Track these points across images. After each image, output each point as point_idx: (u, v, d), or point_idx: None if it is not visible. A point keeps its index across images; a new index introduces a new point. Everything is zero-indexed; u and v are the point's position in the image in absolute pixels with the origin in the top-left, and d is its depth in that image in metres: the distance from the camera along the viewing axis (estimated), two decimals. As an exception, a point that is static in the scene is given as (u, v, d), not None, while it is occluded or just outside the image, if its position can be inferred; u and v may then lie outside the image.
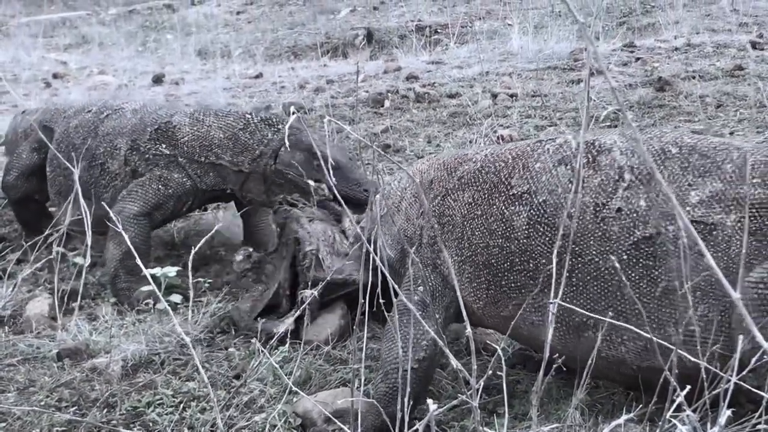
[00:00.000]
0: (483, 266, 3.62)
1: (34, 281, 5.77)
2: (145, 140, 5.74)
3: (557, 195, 3.45)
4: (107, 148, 5.85)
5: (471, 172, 3.78)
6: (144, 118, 5.87)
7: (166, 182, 5.63)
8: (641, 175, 3.32)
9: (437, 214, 3.82)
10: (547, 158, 3.55)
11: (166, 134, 5.72)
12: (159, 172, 5.65)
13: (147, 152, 5.72)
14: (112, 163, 5.80)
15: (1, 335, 5.01)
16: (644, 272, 3.26)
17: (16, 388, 4.37)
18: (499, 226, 3.56)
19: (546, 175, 3.51)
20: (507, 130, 8.04)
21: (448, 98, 9.89)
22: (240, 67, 13.99)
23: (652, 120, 8.00)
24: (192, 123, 5.72)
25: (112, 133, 5.88)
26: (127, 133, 5.82)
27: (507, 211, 3.55)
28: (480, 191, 3.69)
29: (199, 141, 5.65)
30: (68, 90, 12.89)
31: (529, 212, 3.51)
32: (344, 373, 4.28)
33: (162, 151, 5.68)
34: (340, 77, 11.94)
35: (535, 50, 11.86)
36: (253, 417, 3.93)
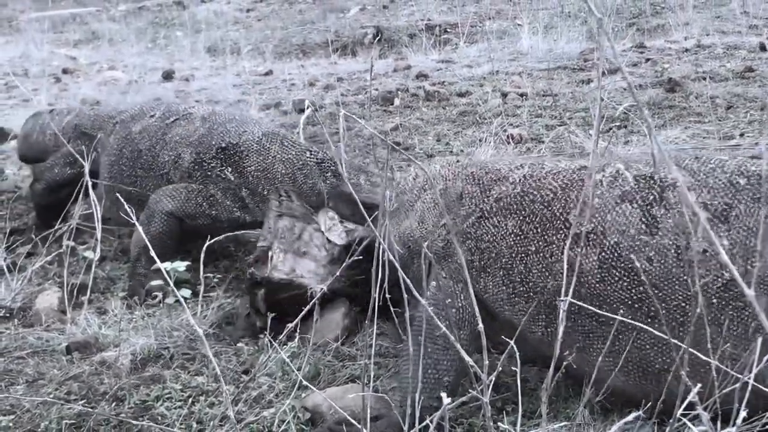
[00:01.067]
0: (543, 305, 3.45)
1: (44, 275, 5.78)
2: (210, 158, 5.64)
3: (630, 236, 3.27)
4: (172, 157, 5.77)
5: (511, 196, 3.61)
6: (212, 129, 5.76)
7: (212, 203, 5.57)
8: (717, 212, 3.17)
9: (473, 235, 3.66)
10: (605, 193, 3.38)
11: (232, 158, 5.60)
12: (213, 191, 5.58)
13: (211, 170, 5.63)
14: (175, 174, 5.73)
15: (11, 328, 5.01)
16: (735, 314, 3.12)
17: (25, 380, 4.37)
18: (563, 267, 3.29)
19: (611, 213, 3.33)
20: (517, 129, 8.03)
21: (458, 97, 9.89)
22: (249, 64, 13.99)
23: (663, 121, 7.98)
24: (259, 151, 5.58)
25: (179, 142, 5.80)
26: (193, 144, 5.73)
27: (572, 252, 3.34)
28: (529, 223, 3.50)
29: (264, 173, 5.52)
30: (78, 85, 12.90)
31: (601, 255, 3.33)
32: (353, 369, 4.28)
33: (227, 175, 5.59)
34: (349, 75, 11.94)
35: (545, 50, 11.86)
36: (262, 412, 3.92)
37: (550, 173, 3.59)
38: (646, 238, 3.22)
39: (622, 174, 3.38)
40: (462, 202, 3.74)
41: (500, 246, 3.57)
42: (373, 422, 3.64)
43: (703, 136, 7.45)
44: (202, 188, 5.57)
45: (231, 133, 5.68)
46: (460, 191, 3.78)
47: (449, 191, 3.82)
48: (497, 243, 3.59)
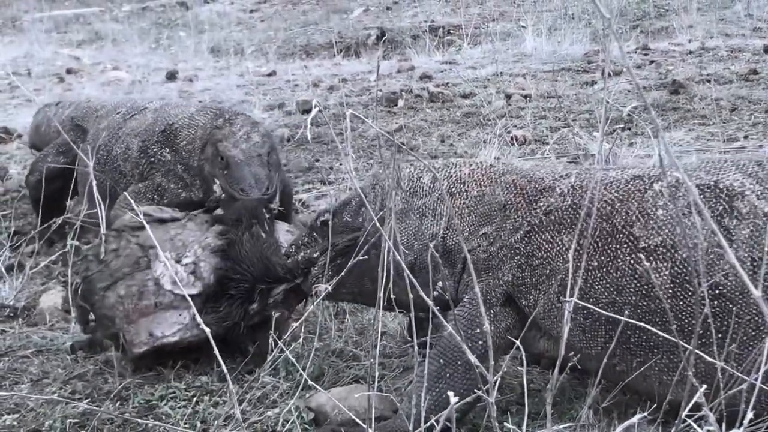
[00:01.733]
0: (606, 322, 3.35)
1: (48, 274, 5.79)
2: (152, 143, 5.65)
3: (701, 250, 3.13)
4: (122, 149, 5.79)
5: (562, 209, 3.52)
6: (157, 119, 5.77)
7: (161, 192, 5.54)
8: None
9: (522, 251, 3.56)
10: (669, 204, 3.30)
11: (168, 138, 5.62)
12: (159, 180, 5.57)
13: (153, 155, 5.63)
14: (125, 165, 5.74)
15: (15, 327, 5.03)
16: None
17: (30, 379, 4.38)
18: (631, 283, 3.32)
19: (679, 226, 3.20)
20: (521, 130, 8.04)
21: (462, 98, 9.90)
22: (253, 64, 14.01)
23: (667, 123, 7.98)
24: (188, 125, 5.60)
25: (129, 134, 5.81)
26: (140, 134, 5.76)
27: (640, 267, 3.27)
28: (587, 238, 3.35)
29: (192, 144, 5.51)
30: (82, 85, 12.92)
31: (672, 269, 3.25)
32: (357, 370, 4.28)
33: (165, 156, 5.59)
34: (353, 76, 11.95)
35: (549, 52, 11.86)
36: (266, 412, 3.92)
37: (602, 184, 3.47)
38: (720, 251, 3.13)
39: (682, 183, 3.26)
40: (506, 215, 3.64)
41: (556, 262, 3.47)
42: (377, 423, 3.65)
43: (707, 139, 7.46)
44: (148, 182, 5.57)
45: (171, 115, 5.72)
46: (503, 202, 3.67)
47: (487, 199, 3.72)
48: (551, 259, 3.49)
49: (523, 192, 3.64)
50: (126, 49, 16.94)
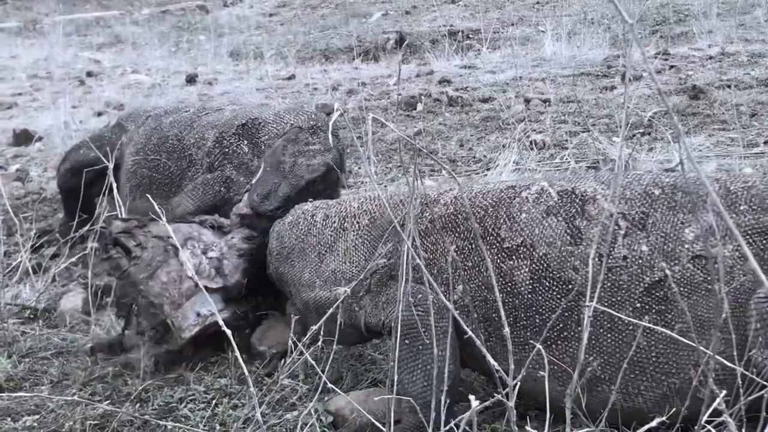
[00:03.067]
0: (481, 319, 3.55)
1: (69, 276, 5.81)
2: (230, 135, 5.64)
3: (557, 247, 3.41)
4: (196, 138, 5.81)
5: (445, 216, 3.73)
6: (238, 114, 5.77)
7: (228, 185, 5.55)
8: (635, 221, 3.33)
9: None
10: (531, 208, 3.52)
11: (249, 132, 5.61)
12: (229, 172, 5.58)
13: (228, 146, 5.63)
14: (197, 153, 5.75)
15: (36, 329, 5.05)
16: (658, 317, 3.24)
17: (50, 381, 4.40)
18: (498, 281, 3.47)
19: (538, 227, 3.47)
20: (540, 135, 8.03)
21: (481, 102, 9.89)
22: (272, 68, 14.04)
23: (686, 128, 7.96)
24: (275, 120, 5.58)
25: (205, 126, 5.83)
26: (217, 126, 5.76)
27: (504, 266, 3.49)
28: (464, 239, 3.63)
29: (275, 140, 5.45)
30: (102, 88, 12.98)
31: (531, 266, 3.45)
32: (375, 373, 4.28)
33: (242, 149, 5.58)
34: (372, 80, 11.96)
35: (569, 56, 11.84)
36: (285, 414, 3.93)
37: (480, 193, 3.72)
38: None
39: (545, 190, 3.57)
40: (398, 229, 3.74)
41: (440, 262, 3.67)
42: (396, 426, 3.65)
43: (727, 144, 7.43)
44: (218, 173, 5.57)
45: (254, 112, 5.73)
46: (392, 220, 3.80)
47: (378, 223, 3.94)
48: (437, 260, 3.68)
49: None
50: (146, 52, 17.02)
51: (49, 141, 9.61)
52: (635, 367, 3.28)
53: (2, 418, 3.99)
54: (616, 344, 3.31)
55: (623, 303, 3.27)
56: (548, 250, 3.40)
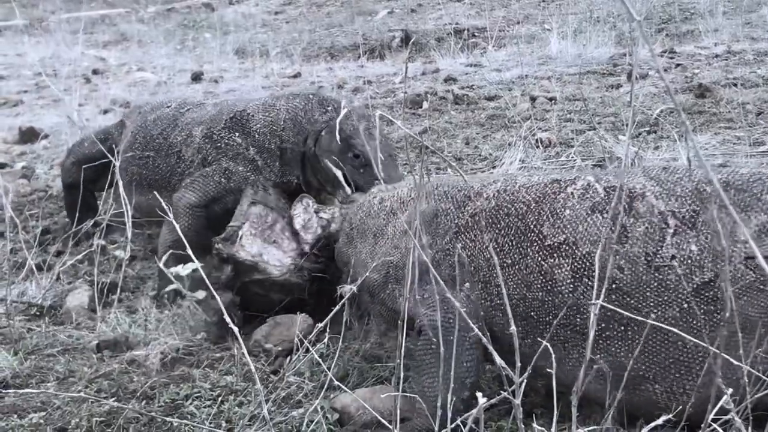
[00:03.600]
0: (519, 317, 3.49)
1: (74, 273, 5.82)
2: (219, 129, 5.65)
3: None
4: (183, 137, 5.81)
5: (486, 211, 3.67)
6: (222, 109, 5.80)
7: (229, 175, 5.55)
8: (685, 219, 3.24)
9: (452, 252, 3.70)
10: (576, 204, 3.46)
11: (239, 123, 5.62)
12: (226, 164, 5.57)
13: (220, 140, 5.63)
14: (186, 150, 5.75)
15: (42, 326, 5.05)
16: (706, 318, 3.16)
17: (56, 378, 4.40)
18: (538, 279, 3.44)
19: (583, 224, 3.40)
20: (546, 133, 8.02)
21: (487, 101, 9.89)
22: (278, 66, 14.05)
23: (693, 126, 7.95)
24: (264, 109, 5.61)
25: (190, 123, 5.84)
26: (204, 122, 5.77)
27: (545, 264, 3.43)
28: (504, 236, 3.57)
29: (269, 127, 5.54)
30: (108, 86, 12.98)
31: (573, 265, 3.38)
32: (381, 371, 4.27)
33: (235, 140, 5.59)
34: (378, 78, 11.96)
35: (574, 55, 11.84)
36: (291, 412, 3.93)
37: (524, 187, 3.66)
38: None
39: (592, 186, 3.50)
40: (438, 221, 3.79)
41: (479, 260, 3.63)
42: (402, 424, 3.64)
43: (733, 142, 7.41)
44: (216, 166, 5.56)
45: (239, 104, 5.76)
46: (435, 210, 3.82)
47: (424, 213, 3.85)
48: (475, 257, 3.64)
49: (454, 199, 3.82)
50: (151, 50, 17.04)
51: (54, 138, 9.63)
52: (680, 367, 3.25)
53: (8, 415, 3.99)
54: (662, 344, 3.26)
55: (670, 303, 3.20)
56: (592, 249, 3.34)
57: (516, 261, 3.50)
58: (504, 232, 3.55)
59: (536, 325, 3.44)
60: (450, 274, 3.63)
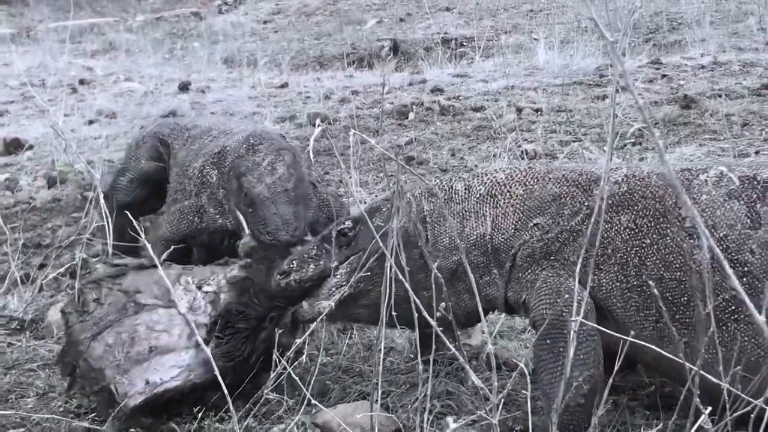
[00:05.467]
0: (656, 299, 3.46)
1: (57, 287, 5.78)
2: (208, 164, 5.52)
3: (737, 230, 3.44)
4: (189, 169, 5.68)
5: (618, 194, 3.68)
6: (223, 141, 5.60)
7: (201, 214, 5.46)
8: None
9: (584, 233, 3.68)
10: (712, 190, 3.53)
11: (219, 160, 5.47)
12: (203, 202, 5.47)
13: (205, 176, 5.51)
14: (189, 184, 5.63)
15: (23, 340, 5.03)
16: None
17: (36, 393, 4.40)
18: (677, 260, 3.51)
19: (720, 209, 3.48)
20: (531, 144, 8.03)
21: (473, 111, 9.89)
22: (266, 76, 14.04)
23: (677, 138, 7.97)
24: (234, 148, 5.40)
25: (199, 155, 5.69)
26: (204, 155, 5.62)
27: (685, 245, 3.49)
28: (643, 217, 3.62)
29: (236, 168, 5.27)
30: (94, 96, 12.97)
31: None
32: (363, 386, 4.27)
33: (212, 178, 5.47)
34: (365, 88, 11.96)
35: (561, 65, 11.85)
36: (271, 428, 3.92)
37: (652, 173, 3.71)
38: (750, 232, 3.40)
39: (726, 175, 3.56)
40: (562, 203, 3.80)
41: (615, 242, 3.66)
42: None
43: (718, 154, 7.43)
44: (194, 202, 5.48)
45: (230, 138, 5.57)
46: (557, 193, 3.83)
47: (537, 194, 3.87)
48: (611, 239, 3.66)
49: (577, 182, 3.82)
50: (139, 59, 17.02)
51: (39, 150, 9.59)
52: None
53: (-13, 432, 3.99)
54: None
55: None
56: (728, 232, 3.43)
57: (655, 241, 3.56)
58: (642, 213, 3.60)
59: (669, 306, 3.49)
60: (579, 257, 3.56)
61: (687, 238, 3.46)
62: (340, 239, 4.16)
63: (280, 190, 4.99)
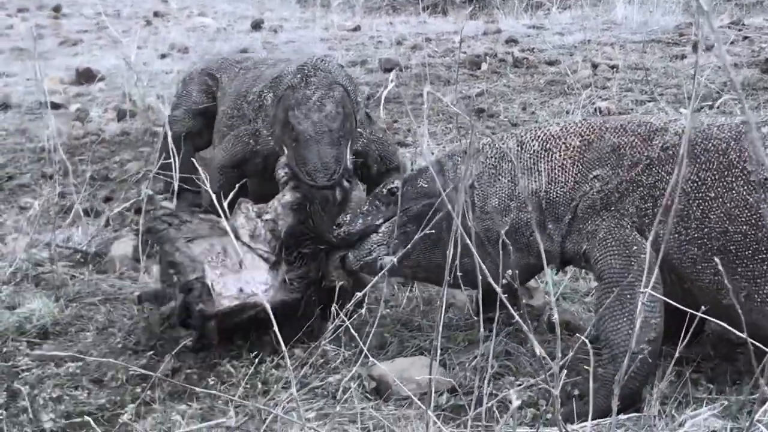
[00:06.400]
0: (716, 251, 3.47)
1: (122, 221, 5.79)
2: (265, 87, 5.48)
3: None
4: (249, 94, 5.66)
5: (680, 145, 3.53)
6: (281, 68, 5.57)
7: (257, 137, 5.41)
8: None
9: (644, 183, 3.63)
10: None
11: (275, 84, 5.40)
12: (259, 126, 5.42)
13: (262, 101, 5.46)
14: (248, 108, 5.60)
15: (85, 273, 5.04)
16: None
17: (96, 327, 4.41)
18: (743, 213, 3.42)
19: None
20: (605, 102, 7.88)
21: (547, 65, 9.74)
22: (339, 18, 13.94)
23: (756, 103, 7.77)
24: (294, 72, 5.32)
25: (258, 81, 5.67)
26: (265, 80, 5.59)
27: (751, 198, 3.40)
28: (706, 170, 3.52)
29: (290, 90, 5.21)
30: (168, 29, 12.97)
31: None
32: (421, 341, 4.22)
33: (268, 101, 5.40)
34: (438, 35, 11.83)
35: (640, 22, 11.63)
36: (327, 377, 3.89)
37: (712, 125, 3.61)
38: None
39: None
40: (621, 153, 3.70)
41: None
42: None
43: (797, 121, 7.23)
44: (251, 125, 5.46)
45: (290, 65, 5.52)
46: (616, 144, 3.73)
47: (595, 146, 3.77)
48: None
49: (636, 133, 3.73)
50: (214, -6, 16.97)
51: (111, 81, 9.62)
52: None
53: (45, 363, 4.00)
54: None
55: None
56: None
57: (719, 195, 3.47)
58: (705, 166, 3.50)
59: (733, 259, 3.43)
60: (638, 207, 3.61)
61: (753, 192, 3.37)
62: (389, 197, 4.12)
63: (325, 129, 4.90)
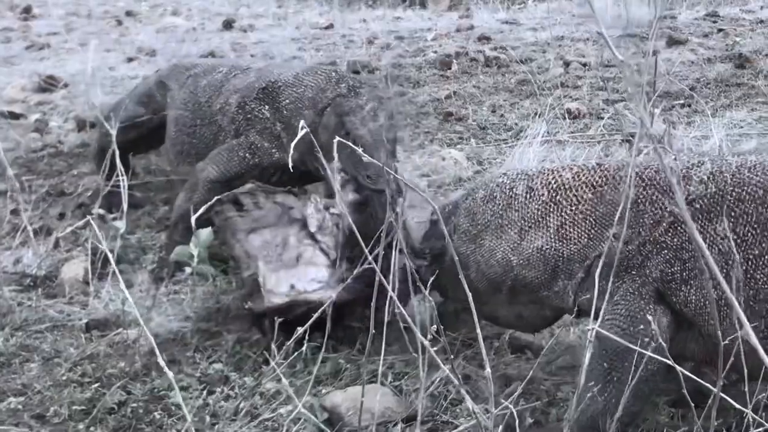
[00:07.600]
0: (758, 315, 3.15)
1: (74, 240, 5.65)
2: (251, 99, 5.43)
3: None
4: (221, 104, 5.58)
5: (707, 197, 3.26)
6: (260, 77, 5.55)
7: (254, 151, 5.34)
8: None
9: (668, 244, 3.30)
10: None
11: (269, 95, 5.38)
12: (253, 138, 5.36)
13: (251, 112, 5.41)
14: (223, 119, 5.53)
15: (33, 299, 4.90)
16: None
17: (41, 357, 4.29)
18: None
19: None
20: (575, 102, 7.77)
21: (519, 64, 9.64)
22: (314, 13, 13.84)
23: (729, 100, 7.66)
24: (293, 83, 5.35)
25: (230, 90, 5.60)
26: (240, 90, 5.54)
27: None
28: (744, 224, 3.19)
29: (295, 103, 5.27)
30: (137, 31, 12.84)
31: None
32: (377, 366, 4.08)
33: (264, 113, 5.37)
34: (411, 33, 11.73)
35: (614, 15, 11.50)
36: (278, 408, 3.78)
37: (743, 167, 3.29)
38: None
39: None
40: (640, 209, 3.37)
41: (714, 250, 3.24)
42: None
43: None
44: (242, 139, 5.36)
45: (273, 73, 5.51)
46: (633, 197, 3.31)
47: (609, 198, 3.46)
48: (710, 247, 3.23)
49: (653, 183, 3.38)
50: (189, -10, 16.82)
51: (75, 88, 9.44)
52: None
53: (-14, 397, 3.90)
54: None
55: None
56: None
57: (764, 252, 3.16)
58: (742, 220, 3.18)
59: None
60: (662, 272, 3.30)
61: None
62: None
63: (380, 138, 4.82)
